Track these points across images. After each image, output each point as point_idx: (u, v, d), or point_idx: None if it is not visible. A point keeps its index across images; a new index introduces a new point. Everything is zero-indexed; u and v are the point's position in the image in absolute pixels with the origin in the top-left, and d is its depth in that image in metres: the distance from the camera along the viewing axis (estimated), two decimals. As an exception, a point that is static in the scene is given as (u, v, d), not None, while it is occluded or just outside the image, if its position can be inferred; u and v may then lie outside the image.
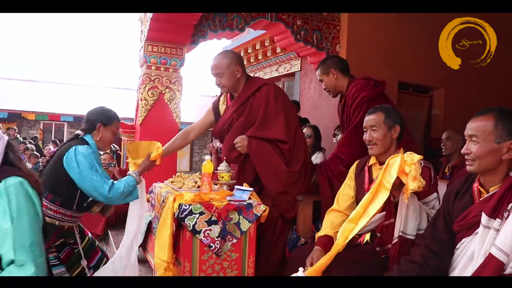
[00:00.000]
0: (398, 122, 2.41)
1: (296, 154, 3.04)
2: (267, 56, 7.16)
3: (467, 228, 1.78)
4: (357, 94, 3.07)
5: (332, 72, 3.25)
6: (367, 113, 2.52)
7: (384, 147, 2.40)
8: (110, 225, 4.70)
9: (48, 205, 2.51)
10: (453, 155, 4.32)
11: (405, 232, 2.12)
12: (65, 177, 2.49)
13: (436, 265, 1.87)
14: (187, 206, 2.45)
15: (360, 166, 2.57)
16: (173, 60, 4.82)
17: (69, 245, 2.62)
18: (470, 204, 1.81)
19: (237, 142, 2.97)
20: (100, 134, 2.69)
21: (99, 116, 2.72)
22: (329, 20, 5.31)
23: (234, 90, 3.13)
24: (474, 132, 1.77)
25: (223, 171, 2.79)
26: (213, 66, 3.07)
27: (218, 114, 3.28)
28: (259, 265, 2.73)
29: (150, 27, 4.51)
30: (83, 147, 2.53)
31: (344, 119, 3.30)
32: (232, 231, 2.54)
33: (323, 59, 3.41)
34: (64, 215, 2.55)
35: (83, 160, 2.47)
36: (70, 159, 2.48)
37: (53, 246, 2.53)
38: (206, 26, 4.76)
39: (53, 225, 2.52)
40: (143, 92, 4.77)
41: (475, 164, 1.77)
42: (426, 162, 2.30)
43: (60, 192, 2.52)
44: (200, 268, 2.48)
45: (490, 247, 1.63)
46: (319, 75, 3.33)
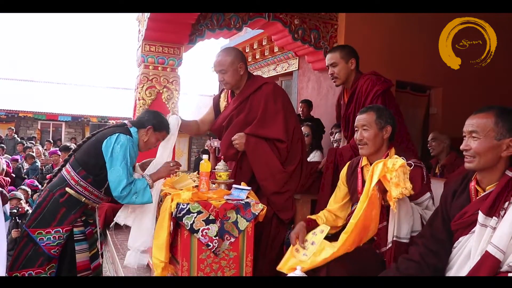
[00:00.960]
0: (389, 122, 2.40)
1: (292, 154, 3.04)
2: (265, 55, 7.16)
3: (464, 226, 1.79)
4: (370, 88, 3.00)
5: (351, 61, 3.16)
6: (359, 112, 2.51)
7: (374, 147, 2.39)
8: (108, 223, 4.67)
9: (78, 181, 2.69)
10: (441, 154, 4.56)
11: (399, 236, 2.13)
12: (100, 159, 2.63)
13: (433, 263, 1.88)
14: (185, 205, 2.45)
15: (352, 168, 2.56)
16: (170, 59, 4.81)
17: (89, 225, 2.83)
18: (467, 203, 1.82)
19: (235, 139, 2.98)
20: (148, 136, 2.79)
21: (154, 120, 2.80)
22: (327, 19, 5.32)
23: (236, 87, 3.15)
24: (474, 128, 1.77)
25: (220, 170, 2.79)
26: (217, 62, 3.08)
27: (218, 110, 3.31)
28: (257, 264, 2.74)
29: (148, 26, 4.51)
30: (125, 136, 2.65)
31: (348, 114, 3.21)
32: (230, 230, 2.54)
33: (341, 45, 3.26)
34: (91, 193, 2.73)
35: (119, 148, 2.60)
36: (109, 144, 2.61)
37: (80, 221, 2.74)
38: (203, 26, 4.76)
39: (79, 201, 2.70)
40: (141, 92, 4.76)
41: (475, 161, 1.77)
42: (418, 162, 2.30)
43: (92, 172, 2.68)
44: (198, 267, 2.48)
45: (487, 245, 1.64)
46: (335, 59, 3.17)
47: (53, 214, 2.65)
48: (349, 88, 3.22)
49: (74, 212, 2.68)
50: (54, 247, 2.65)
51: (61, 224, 2.66)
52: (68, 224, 2.68)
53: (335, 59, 3.17)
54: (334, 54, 3.18)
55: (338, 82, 3.21)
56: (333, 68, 3.18)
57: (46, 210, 2.65)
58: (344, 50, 3.19)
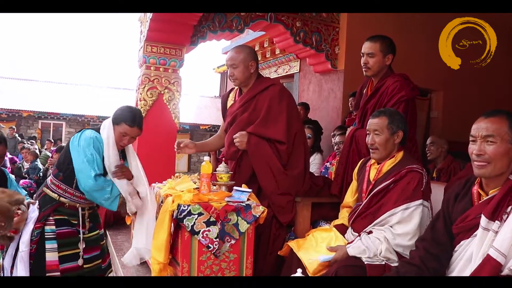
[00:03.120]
0: (401, 127, 2.42)
1: (294, 158, 3.04)
2: (266, 58, 7.17)
3: (466, 230, 1.79)
4: (395, 92, 2.88)
5: (388, 57, 3.02)
6: (371, 116, 2.52)
7: (386, 152, 2.43)
8: (108, 225, 4.69)
9: (52, 180, 2.74)
10: (438, 158, 4.61)
11: None
12: (67, 155, 2.69)
13: (434, 267, 1.87)
14: (186, 206, 2.45)
15: (363, 164, 2.64)
16: (172, 60, 4.82)
17: (73, 226, 2.75)
18: (469, 207, 1.81)
19: (237, 137, 2.98)
20: (114, 132, 2.75)
21: (115, 113, 2.79)
22: (329, 21, 5.32)
23: (244, 85, 3.17)
24: (490, 133, 1.72)
25: (222, 172, 2.78)
26: (229, 57, 3.12)
27: (226, 109, 3.34)
28: (257, 266, 2.73)
29: (150, 27, 4.52)
30: (90, 131, 2.70)
31: (367, 107, 3.08)
32: (230, 232, 2.53)
33: (382, 36, 3.05)
34: (65, 191, 2.71)
35: (83, 141, 2.65)
36: (75, 139, 2.68)
37: (51, 219, 2.68)
38: (205, 27, 4.77)
39: (53, 199, 2.70)
40: (142, 93, 4.77)
41: (490, 167, 1.72)
42: (419, 168, 2.31)
43: (62, 168, 2.72)
44: (199, 269, 2.47)
45: (489, 249, 1.63)
46: (374, 50, 2.99)
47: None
48: (376, 81, 3.07)
49: (44, 209, 2.67)
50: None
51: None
52: (38, 221, 2.65)
53: (374, 50, 3.00)
54: (374, 44, 3.00)
55: (369, 73, 3.06)
56: (368, 58, 3.01)
57: None
58: (385, 42, 3.01)
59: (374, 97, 3.03)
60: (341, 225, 2.60)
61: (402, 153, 2.43)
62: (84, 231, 2.78)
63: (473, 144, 1.78)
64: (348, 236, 2.47)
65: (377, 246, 2.19)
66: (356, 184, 2.65)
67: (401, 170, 2.30)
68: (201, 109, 19.37)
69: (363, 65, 3.05)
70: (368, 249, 2.19)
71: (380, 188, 2.34)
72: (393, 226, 2.22)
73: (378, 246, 2.18)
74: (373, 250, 2.18)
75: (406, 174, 2.28)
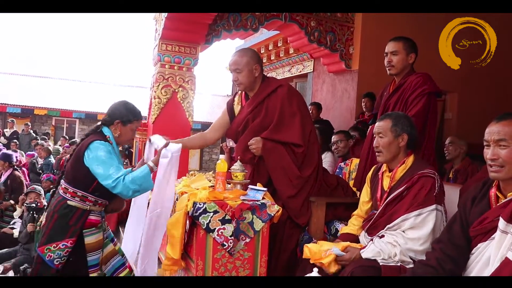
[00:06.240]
0: (406, 130, 2.39)
1: (308, 158, 3.03)
2: (280, 57, 7.17)
3: (484, 233, 1.77)
4: (419, 85, 2.94)
5: (411, 56, 3.09)
6: (378, 119, 2.52)
7: (389, 155, 2.41)
8: (121, 222, 4.73)
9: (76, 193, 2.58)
10: (456, 159, 4.55)
11: None
12: (86, 171, 2.55)
13: (451, 269, 1.86)
14: (201, 204, 2.47)
15: (375, 171, 2.61)
16: (187, 59, 4.85)
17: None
18: (487, 209, 1.80)
19: (252, 144, 2.96)
20: (119, 131, 2.70)
21: (119, 113, 2.71)
22: (343, 21, 5.32)
23: (250, 89, 3.12)
24: (502, 137, 1.72)
25: (237, 170, 2.79)
26: (232, 61, 3.06)
27: (233, 114, 3.26)
28: (270, 266, 2.74)
29: (165, 26, 4.55)
30: (98, 142, 2.57)
31: (389, 103, 3.11)
32: (245, 230, 2.55)
33: (405, 37, 3.14)
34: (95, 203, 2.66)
35: (96, 155, 2.52)
36: (88, 155, 2.54)
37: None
38: (220, 26, 4.79)
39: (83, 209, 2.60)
40: (157, 91, 4.81)
41: (504, 171, 1.72)
42: (431, 172, 2.29)
43: (83, 182, 2.58)
44: (213, 267, 2.49)
45: (507, 252, 1.62)
46: (397, 48, 3.07)
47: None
48: (398, 80, 3.13)
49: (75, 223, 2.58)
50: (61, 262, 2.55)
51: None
52: (69, 236, 2.55)
53: (397, 48, 3.08)
54: (398, 43, 3.09)
55: (393, 71, 3.10)
56: (392, 56, 3.08)
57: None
58: (408, 42, 3.10)
59: (396, 93, 3.07)
60: (347, 234, 2.59)
61: (413, 158, 2.41)
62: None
63: (487, 148, 1.79)
64: (361, 240, 2.46)
65: (390, 249, 2.19)
66: (368, 189, 2.62)
67: (413, 176, 2.29)
68: (213, 108, 19.37)
69: (387, 63, 3.11)
70: (382, 252, 2.19)
71: (394, 195, 2.33)
72: (405, 231, 2.21)
73: (391, 250, 2.18)
74: (387, 252, 2.18)
75: (418, 180, 2.26)
